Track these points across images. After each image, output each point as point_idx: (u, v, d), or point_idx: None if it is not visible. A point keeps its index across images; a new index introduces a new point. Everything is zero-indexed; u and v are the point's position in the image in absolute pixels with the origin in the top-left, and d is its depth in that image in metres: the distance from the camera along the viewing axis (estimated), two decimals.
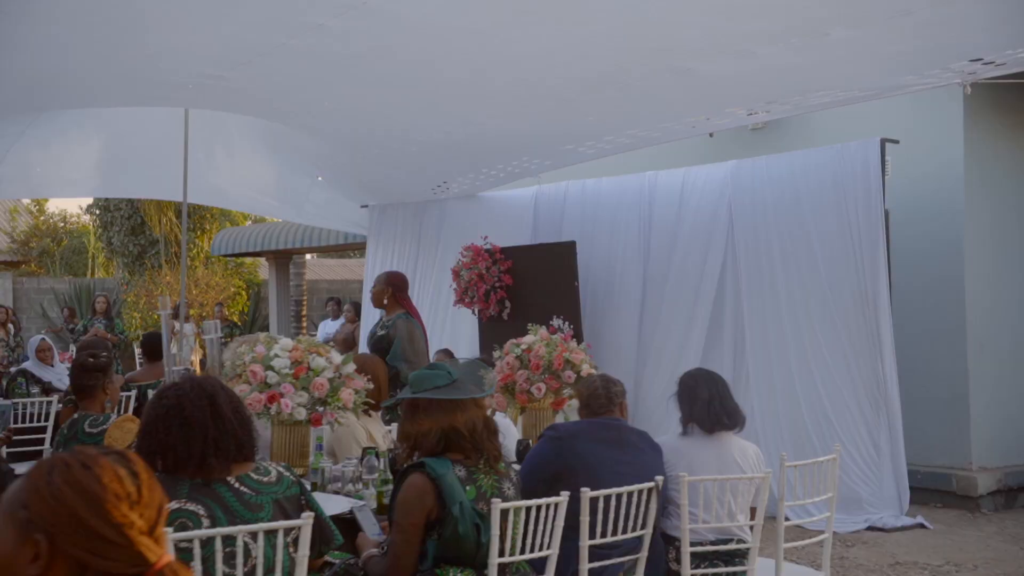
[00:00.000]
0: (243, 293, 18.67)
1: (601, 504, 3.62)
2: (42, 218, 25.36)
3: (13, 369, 8.97)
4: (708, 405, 4.12)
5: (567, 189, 9.05)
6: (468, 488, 3.24)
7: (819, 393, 7.32)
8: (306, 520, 2.64)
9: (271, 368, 3.65)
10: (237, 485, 2.67)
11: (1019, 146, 8.16)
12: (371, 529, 3.46)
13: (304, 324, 15.50)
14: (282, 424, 3.75)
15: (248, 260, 19.10)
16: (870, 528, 7.00)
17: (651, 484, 3.82)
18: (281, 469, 2.83)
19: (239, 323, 16.47)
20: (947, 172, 7.79)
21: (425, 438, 3.30)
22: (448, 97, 6.30)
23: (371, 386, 3.91)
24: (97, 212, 19.55)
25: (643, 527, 3.77)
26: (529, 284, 8.42)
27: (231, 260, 19.49)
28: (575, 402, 4.35)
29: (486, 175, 8.64)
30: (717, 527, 3.94)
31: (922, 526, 7.04)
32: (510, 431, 4.94)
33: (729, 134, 8.60)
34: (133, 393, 6.60)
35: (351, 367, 3.80)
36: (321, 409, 3.71)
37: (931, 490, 7.67)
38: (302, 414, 3.66)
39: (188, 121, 7.72)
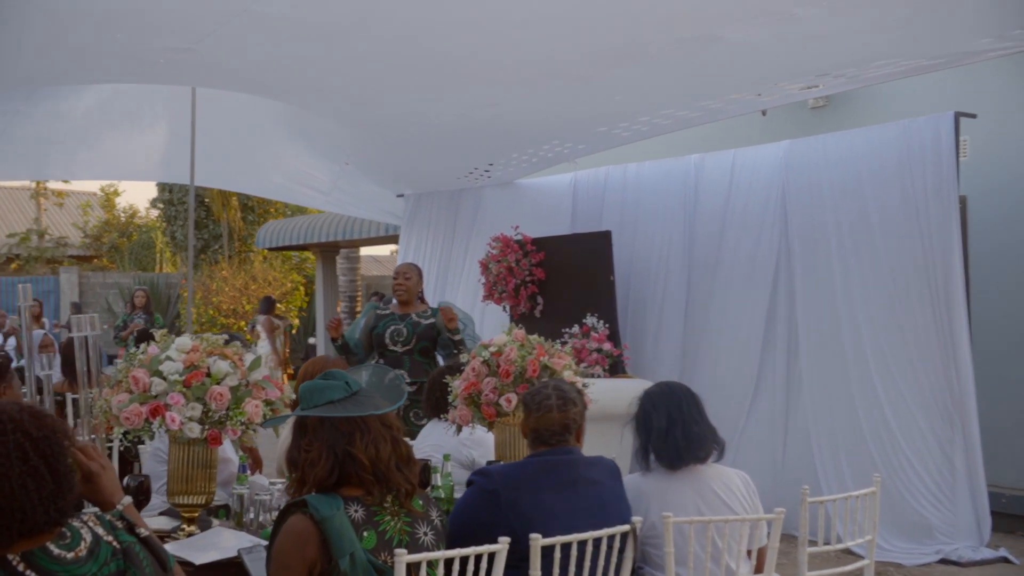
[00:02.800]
0: (301, 288, 18.35)
1: (557, 554, 2.89)
2: (113, 212, 25.64)
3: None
4: (666, 435, 3.28)
5: (607, 174, 8.30)
6: (366, 534, 2.57)
7: (881, 404, 6.41)
8: None
9: (158, 373, 3.03)
10: (21, 567, 1.96)
11: None
12: None
13: None
14: (178, 442, 3.13)
15: (312, 255, 18.83)
16: (943, 560, 6.11)
17: (625, 527, 3.07)
18: (101, 532, 2.04)
19: (295, 320, 16.11)
20: None
21: (314, 468, 2.63)
22: (447, 76, 5.72)
23: (293, 396, 3.28)
24: (161, 206, 19.50)
25: None
26: (563, 278, 7.71)
27: (296, 255, 19.20)
28: None
29: (517, 160, 7.96)
30: None
31: (1006, 560, 6.13)
32: (487, 447, 4.23)
33: (785, 113, 7.76)
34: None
35: (260, 373, 3.15)
36: (226, 424, 3.07)
37: (1018, 517, 6.77)
38: (195, 431, 3.02)
39: (195, 100, 7.45)
